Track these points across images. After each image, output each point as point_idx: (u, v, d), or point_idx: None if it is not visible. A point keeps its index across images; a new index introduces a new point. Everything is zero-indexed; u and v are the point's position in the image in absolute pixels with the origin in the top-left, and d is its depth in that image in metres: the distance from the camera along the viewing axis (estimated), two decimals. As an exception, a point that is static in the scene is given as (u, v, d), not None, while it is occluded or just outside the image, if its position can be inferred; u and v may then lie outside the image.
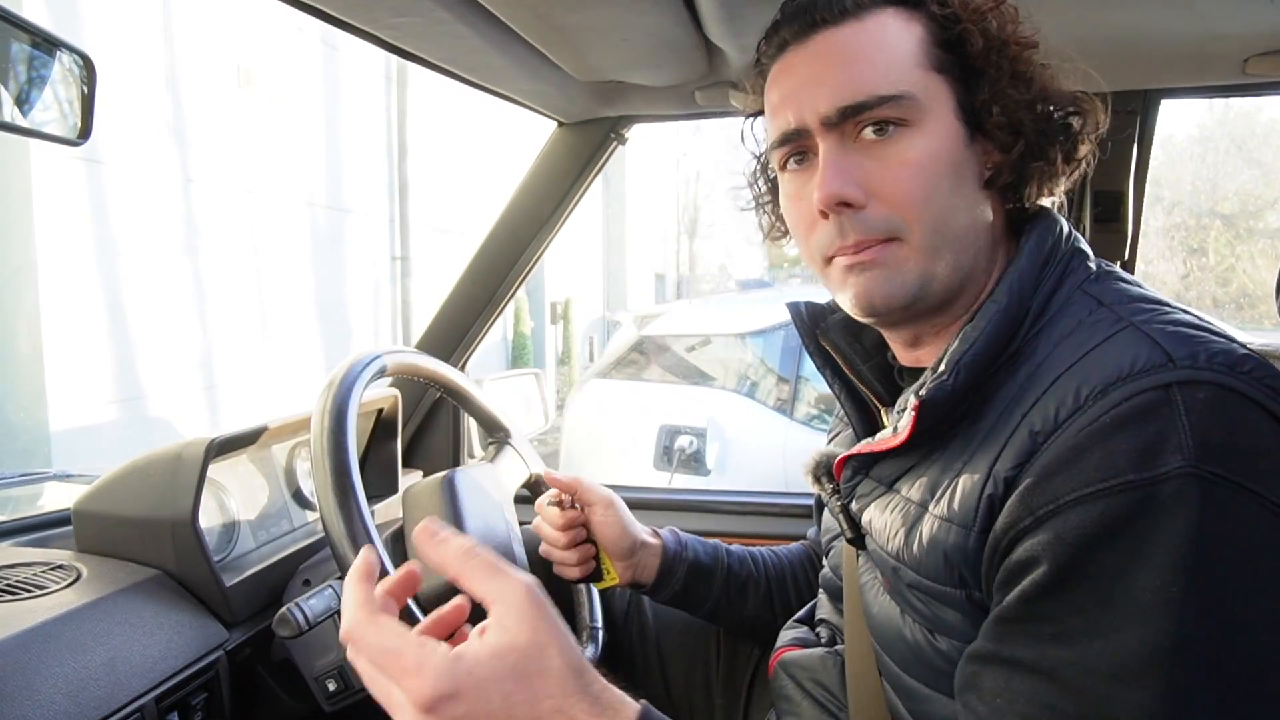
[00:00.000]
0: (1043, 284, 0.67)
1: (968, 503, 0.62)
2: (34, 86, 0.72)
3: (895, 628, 0.73)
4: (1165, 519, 0.51)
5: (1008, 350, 0.65)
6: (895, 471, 0.72)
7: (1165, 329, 0.59)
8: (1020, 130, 0.67)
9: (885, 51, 0.66)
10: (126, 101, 4.39)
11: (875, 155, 0.66)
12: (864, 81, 0.65)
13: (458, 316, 1.49)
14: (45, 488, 1.48)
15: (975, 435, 0.64)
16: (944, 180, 0.66)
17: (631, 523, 1.05)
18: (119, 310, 4.45)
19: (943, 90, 0.67)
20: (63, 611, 0.80)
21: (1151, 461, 0.52)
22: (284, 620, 0.85)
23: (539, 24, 0.96)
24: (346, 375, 0.92)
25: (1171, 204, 17.39)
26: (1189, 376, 0.54)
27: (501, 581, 0.55)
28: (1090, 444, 0.55)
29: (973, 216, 0.68)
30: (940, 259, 0.67)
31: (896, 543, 0.69)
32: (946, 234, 0.67)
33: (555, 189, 1.42)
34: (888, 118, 0.65)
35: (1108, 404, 0.55)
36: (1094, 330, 0.61)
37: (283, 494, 1.17)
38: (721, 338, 4.23)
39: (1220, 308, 15.95)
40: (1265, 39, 1.03)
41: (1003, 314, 0.65)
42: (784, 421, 3.77)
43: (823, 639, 0.99)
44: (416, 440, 1.56)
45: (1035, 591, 0.55)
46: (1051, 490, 0.55)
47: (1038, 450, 0.57)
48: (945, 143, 0.66)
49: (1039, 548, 0.55)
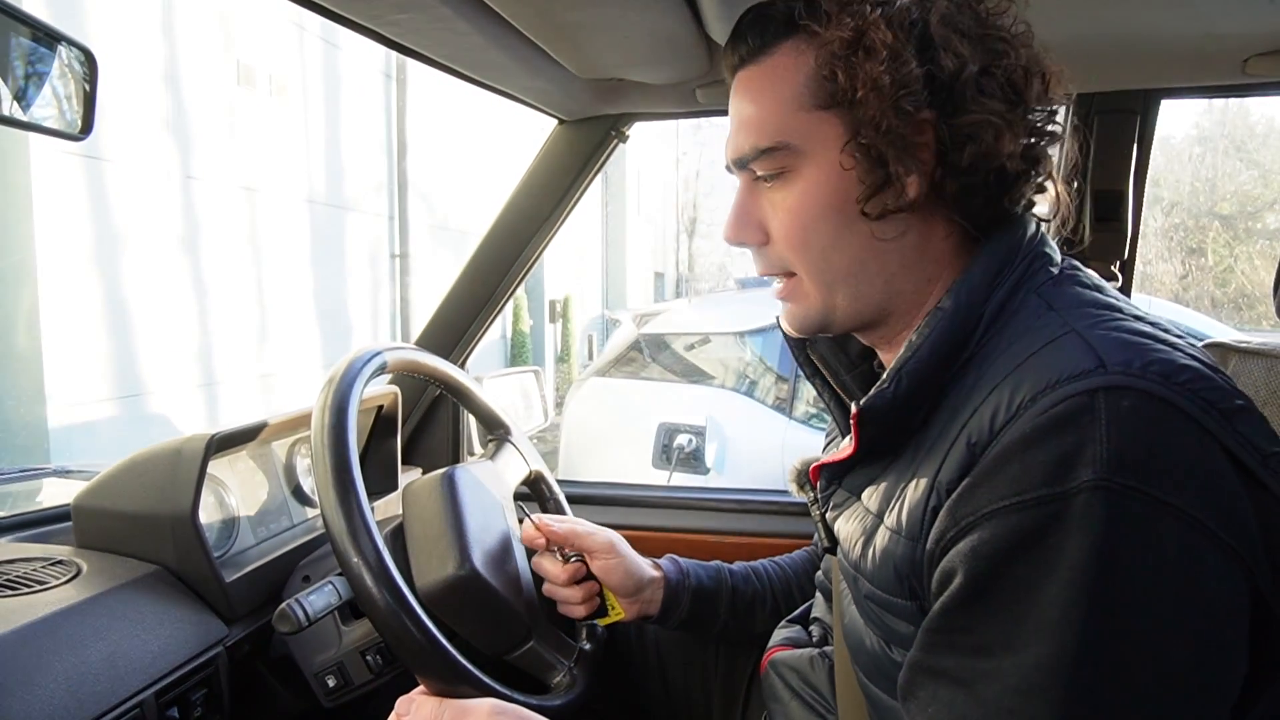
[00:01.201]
0: (997, 289, 0.65)
1: (914, 514, 0.62)
2: (35, 81, 0.72)
3: (859, 637, 0.74)
4: (1073, 534, 0.51)
5: (960, 357, 0.64)
6: (862, 482, 0.72)
7: (1107, 335, 0.58)
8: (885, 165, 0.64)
9: (769, 98, 0.67)
10: (126, 98, 4.38)
11: (768, 198, 0.70)
12: (748, 134, 0.68)
13: (457, 314, 1.49)
14: (45, 483, 1.48)
15: (924, 445, 0.64)
16: (824, 222, 0.67)
17: (635, 561, 1.03)
18: (118, 307, 4.44)
19: (830, 129, 0.66)
20: (62, 607, 0.80)
21: (1064, 475, 0.52)
22: (284, 616, 0.85)
23: (540, 21, 0.96)
24: (347, 372, 0.92)
25: (1170, 204, 17.40)
26: (1117, 383, 0.53)
27: None
28: (1011, 455, 0.55)
29: (873, 249, 0.67)
30: (836, 292, 0.69)
31: (855, 553, 0.70)
32: (834, 271, 0.69)
33: (555, 187, 1.42)
34: (767, 170, 0.68)
35: (1035, 411, 0.55)
36: (1036, 336, 0.60)
37: (283, 490, 1.17)
38: (720, 336, 4.23)
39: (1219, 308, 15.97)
40: (1265, 39, 1.03)
41: (948, 320, 0.64)
42: (783, 420, 3.77)
43: (814, 638, 1.00)
44: (416, 437, 1.56)
45: (954, 603, 0.56)
46: (973, 502, 0.56)
47: (975, 461, 0.57)
48: (825, 186, 0.66)
49: (958, 559, 0.56)
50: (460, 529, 0.92)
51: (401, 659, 0.84)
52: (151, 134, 4.61)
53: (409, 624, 0.81)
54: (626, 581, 1.02)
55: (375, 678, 0.94)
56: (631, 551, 1.04)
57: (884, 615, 0.67)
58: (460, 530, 0.92)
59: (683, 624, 1.06)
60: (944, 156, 0.64)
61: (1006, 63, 0.64)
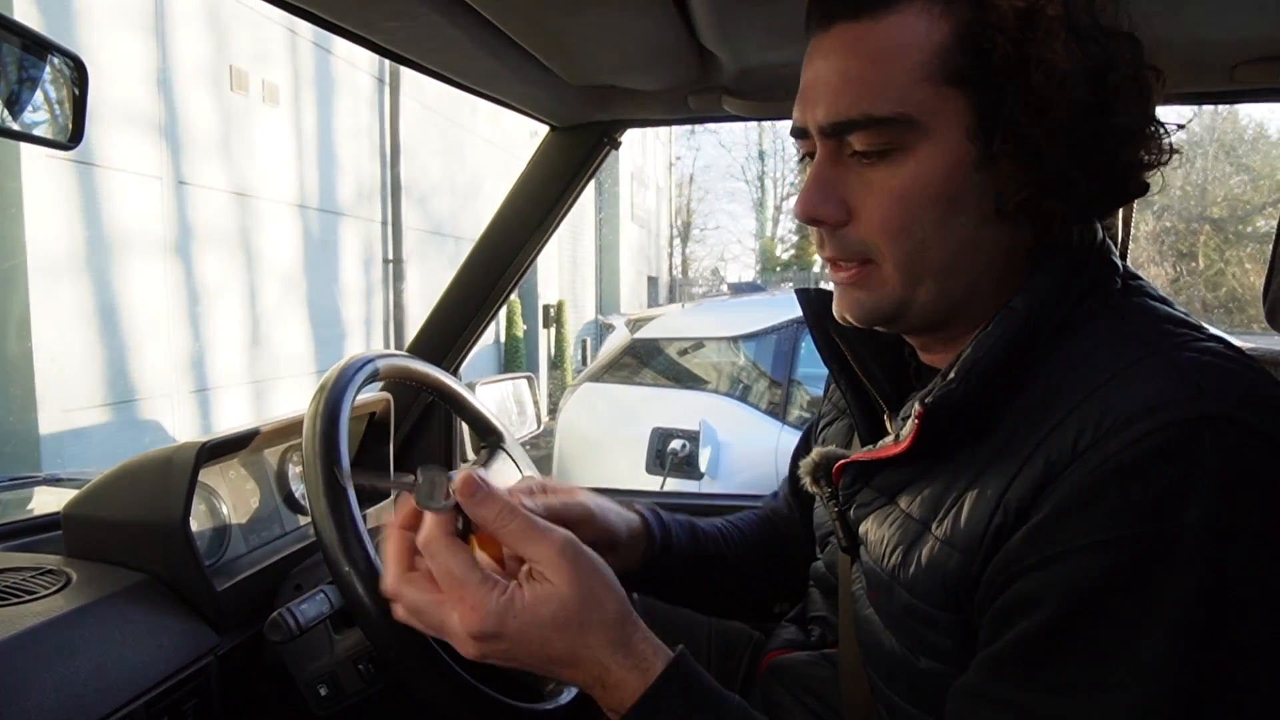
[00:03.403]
0: (1067, 295, 0.62)
1: (974, 528, 0.58)
2: (25, 89, 0.72)
3: (878, 641, 0.71)
4: (1179, 575, 0.48)
5: (1023, 361, 0.61)
6: (897, 483, 0.68)
7: (1197, 359, 0.55)
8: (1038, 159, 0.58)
9: (892, 62, 0.59)
10: (118, 103, 4.37)
11: (863, 175, 0.62)
12: (858, 98, 0.60)
13: (450, 320, 1.49)
14: (34, 492, 1.47)
15: (983, 452, 0.60)
16: (931, 210, 0.60)
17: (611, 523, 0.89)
18: (110, 313, 4.42)
19: (956, 107, 0.59)
20: (51, 617, 0.79)
21: (1170, 511, 0.49)
22: (275, 625, 0.85)
23: (532, 28, 0.96)
24: (339, 379, 0.92)
25: (1161, 209, 17.50)
26: (1218, 412, 0.51)
27: (538, 544, 0.61)
28: (1107, 485, 0.51)
29: (970, 245, 0.62)
30: (920, 286, 0.63)
31: (894, 560, 0.65)
32: (927, 264, 0.63)
33: (548, 192, 1.42)
34: (871, 144, 0.61)
35: (1129, 437, 0.51)
36: (1120, 353, 0.57)
37: (274, 498, 1.16)
38: (714, 341, 4.23)
39: (1210, 312, 16.06)
40: (1253, 46, 1.04)
41: (1020, 323, 0.61)
42: (776, 425, 3.78)
43: (813, 637, 0.97)
44: (409, 444, 1.55)
45: (1035, 635, 0.53)
46: (1063, 533, 0.52)
47: (1053, 482, 0.53)
48: (941, 170, 0.60)
49: (1042, 590, 0.52)
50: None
51: (393, 668, 0.84)
52: (144, 139, 4.60)
53: (401, 632, 0.81)
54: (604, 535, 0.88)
55: (367, 686, 0.94)
56: (606, 509, 0.89)
57: (919, 626, 0.64)
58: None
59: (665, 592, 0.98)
60: (1086, 157, 0.59)
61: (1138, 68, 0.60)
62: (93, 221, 4.29)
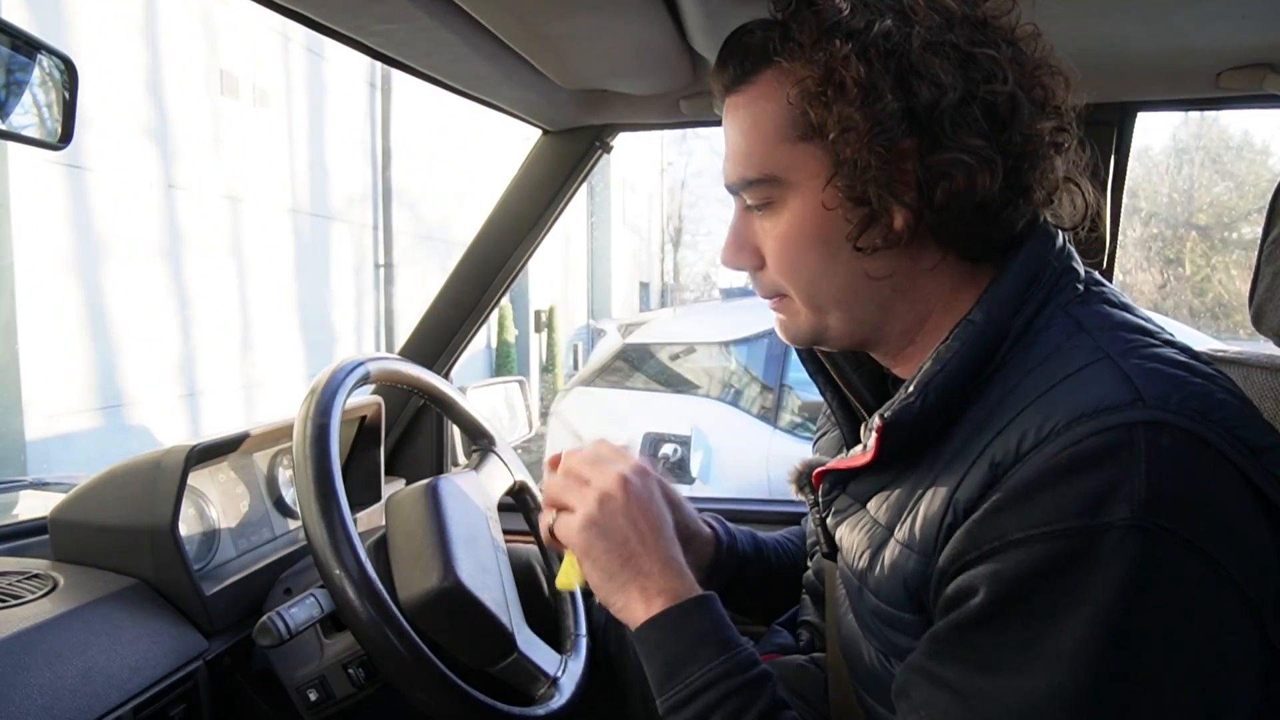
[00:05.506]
0: (1026, 304, 0.64)
1: (928, 531, 0.61)
2: (14, 89, 0.71)
3: (857, 647, 0.74)
4: (1101, 570, 0.51)
5: (983, 372, 0.63)
6: (869, 490, 0.71)
7: (1144, 365, 0.57)
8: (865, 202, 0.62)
9: (756, 129, 0.66)
10: (108, 106, 4.35)
11: (761, 225, 0.70)
12: (736, 164, 0.68)
13: (442, 323, 1.49)
14: (21, 496, 1.46)
15: (941, 458, 0.63)
16: (810, 252, 0.66)
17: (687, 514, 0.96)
18: (98, 317, 4.39)
19: (813, 160, 0.64)
20: (38, 621, 0.79)
21: (1099, 510, 0.51)
22: (265, 629, 0.84)
23: (525, 32, 0.96)
24: (329, 382, 0.92)
25: (1148, 215, 17.65)
26: (1156, 418, 0.53)
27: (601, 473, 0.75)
28: (1044, 483, 0.54)
29: (864, 275, 0.66)
30: (827, 315, 0.69)
31: (862, 564, 0.68)
32: (825, 297, 0.68)
33: (540, 196, 1.42)
34: (755, 200, 0.68)
35: (1068, 440, 0.54)
36: (1068, 358, 0.59)
37: (264, 502, 1.15)
38: (705, 346, 4.24)
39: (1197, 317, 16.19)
40: (1238, 53, 1.05)
41: (978, 334, 0.63)
42: (768, 430, 3.78)
43: (802, 642, 0.99)
44: (400, 448, 1.55)
45: (968, 619, 0.56)
46: (999, 527, 0.55)
47: (996, 482, 0.56)
48: (811, 218, 0.65)
49: (979, 579, 0.55)
50: (444, 540, 0.92)
51: (384, 672, 0.83)
52: (134, 143, 4.58)
53: (392, 636, 0.80)
54: None
55: (357, 691, 0.93)
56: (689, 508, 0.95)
57: (886, 629, 0.67)
58: (444, 542, 0.92)
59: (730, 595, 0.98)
60: (922, 191, 0.62)
61: (992, 87, 0.61)
62: (81, 225, 4.26)
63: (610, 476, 0.74)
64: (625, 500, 0.73)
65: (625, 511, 0.72)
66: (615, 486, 0.73)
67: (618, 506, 0.72)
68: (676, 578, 0.71)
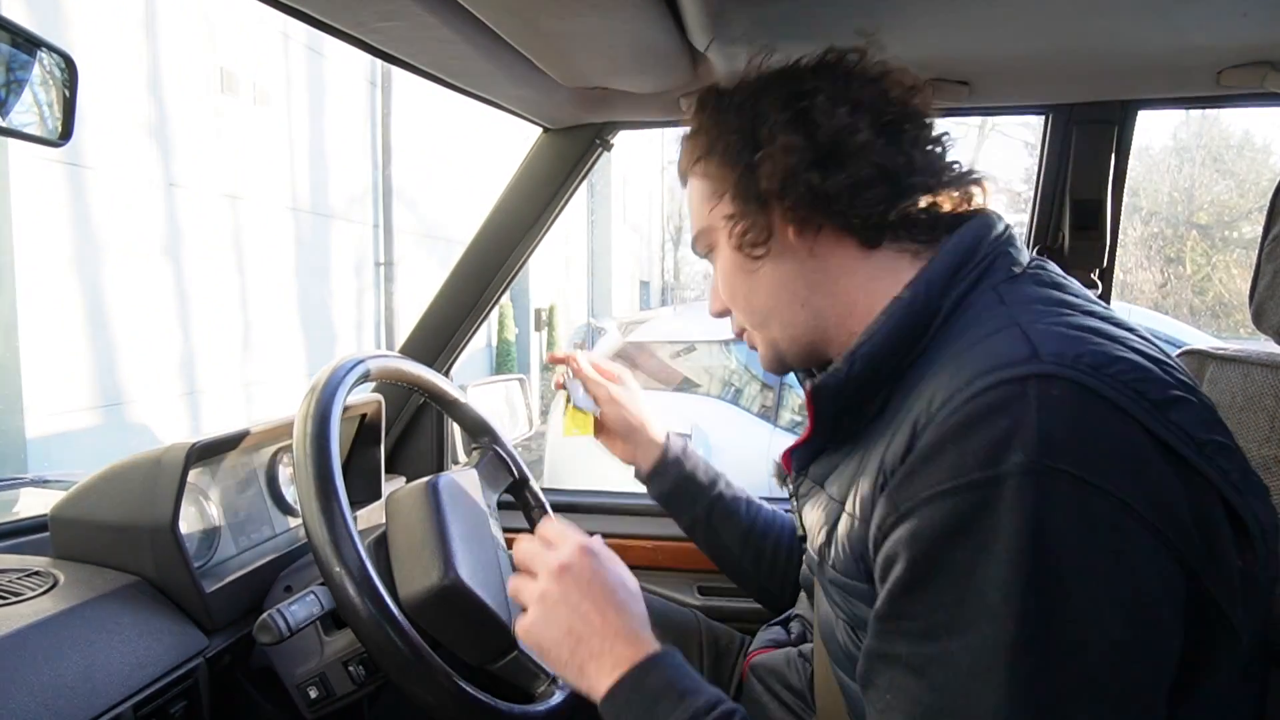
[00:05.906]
0: (957, 284, 0.68)
1: (866, 498, 0.64)
2: (14, 86, 0.71)
3: (831, 628, 0.76)
4: (1006, 515, 0.53)
5: (916, 348, 0.67)
6: (825, 471, 0.76)
7: (1048, 329, 0.60)
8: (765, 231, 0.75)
9: (695, 206, 0.83)
10: (108, 104, 4.35)
11: (715, 274, 0.84)
12: (693, 228, 0.85)
13: (442, 322, 1.49)
14: (21, 493, 1.45)
15: (878, 430, 0.67)
16: (736, 276, 0.79)
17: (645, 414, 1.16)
18: (99, 315, 4.39)
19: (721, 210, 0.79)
20: (38, 619, 0.79)
21: (997, 459, 0.53)
22: (265, 627, 0.84)
23: (525, 30, 0.96)
24: (330, 380, 0.92)
25: (1149, 214, 17.63)
26: (1048, 371, 0.55)
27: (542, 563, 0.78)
28: (946, 441, 0.56)
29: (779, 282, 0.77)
30: (770, 328, 0.80)
31: (821, 539, 0.73)
32: (759, 312, 0.80)
33: (540, 195, 1.42)
34: (704, 249, 0.84)
35: (966, 396, 0.57)
36: (982, 327, 0.63)
37: (264, 499, 1.16)
38: (705, 345, 4.24)
39: (1197, 316, 16.19)
40: (1238, 51, 1.05)
41: (904, 310, 0.67)
42: (767, 428, 3.79)
43: (793, 635, 1.01)
44: (400, 446, 1.55)
45: (898, 589, 0.58)
46: (912, 488, 0.57)
47: (914, 442, 0.59)
48: (730, 249, 0.78)
49: (899, 545, 0.57)
50: (444, 538, 0.92)
51: (384, 669, 0.83)
52: (133, 140, 4.57)
53: (392, 634, 0.81)
54: (624, 421, 1.15)
55: (358, 689, 0.93)
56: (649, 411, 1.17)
57: (850, 601, 0.69)
58: (444, 539, 0.92)
59: (660, 496, 1.16)
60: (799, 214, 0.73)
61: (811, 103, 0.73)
62: (81, 223, 4.26)
63: (550, 568, 0.76)
64: (564, 590, 0.75)
65: (565, 600, 0.74)
66: (552, 581, 0.75)
67: (557, 598, 0.75)
68: (628, 645, 0.72)
